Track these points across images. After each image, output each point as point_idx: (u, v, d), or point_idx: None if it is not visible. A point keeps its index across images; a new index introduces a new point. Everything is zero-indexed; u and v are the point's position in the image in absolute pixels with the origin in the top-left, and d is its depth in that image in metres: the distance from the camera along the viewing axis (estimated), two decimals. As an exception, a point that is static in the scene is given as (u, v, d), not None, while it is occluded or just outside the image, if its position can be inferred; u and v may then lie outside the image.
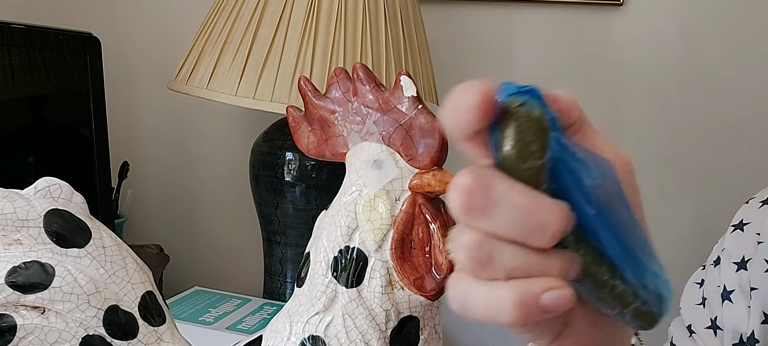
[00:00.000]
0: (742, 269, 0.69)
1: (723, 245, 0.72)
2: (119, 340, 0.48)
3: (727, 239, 0.71)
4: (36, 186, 0.48)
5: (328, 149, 0.54)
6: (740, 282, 0.68)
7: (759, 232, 0.69)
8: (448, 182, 0.49)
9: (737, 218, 0.72)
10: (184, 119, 1.35)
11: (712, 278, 0.72)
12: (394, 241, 0.49)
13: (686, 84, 1.13)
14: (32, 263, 0.46)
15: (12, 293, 0.45)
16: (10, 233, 0.46)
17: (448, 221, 0.51)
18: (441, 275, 0.49)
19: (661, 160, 1.15)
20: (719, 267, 0.71)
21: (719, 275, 0.71)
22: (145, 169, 1.35)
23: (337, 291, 0.49)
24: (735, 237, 0.71)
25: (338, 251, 0.50)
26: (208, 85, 0.92)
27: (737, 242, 0.70)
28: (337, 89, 0.52)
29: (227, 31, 0.93)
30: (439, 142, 0.49)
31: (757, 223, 0.69)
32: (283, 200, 1.03)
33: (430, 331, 0.52)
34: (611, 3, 1.13)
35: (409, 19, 0.98)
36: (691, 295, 0.75)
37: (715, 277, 0.71)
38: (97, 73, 1.00)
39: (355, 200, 0.50)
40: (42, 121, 0.98)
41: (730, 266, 0.70)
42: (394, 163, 0.50)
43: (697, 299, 0.74)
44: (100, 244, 0.48)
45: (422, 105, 0.49)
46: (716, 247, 0.74)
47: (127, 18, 1.35)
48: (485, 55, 1.20)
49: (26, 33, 0.91)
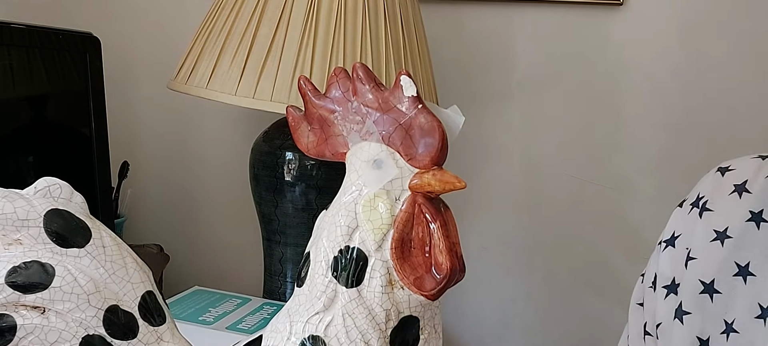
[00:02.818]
0: (671, 294, 0.62)
1: (657, 264, 0.65)
2: (119, 340, 0.48)
3: (660, 259, 0.65)
4: (36, 186, 0.48)
5: (328, 149, 0.54)
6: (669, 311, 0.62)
7: (689, 246, 0.63)
8: (448, 181, 0.49)
9: (669, 230, 0.66)
10: (184, 119, 1.35)
11: (649, 305, 0.66)
12: (394, 241, 0.49)
13: (686, 84, 1.13)
14: (32, 263, 0.46)
15: (12, 293, 0.45)
16: (10, 233, 0.46)
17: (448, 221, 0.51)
18: (441, 274, 0.49)
19: (661, 160, 1.15)
20: (654, 293, 0.65)
21: (655, 303, 0.64)
22: (145, 169, 1.35)
23: (337, 291, 0.49)
24: (668, 255, 0.64)
25: (338, 251, 0.50)
26: (208, 85, 0.92)
27: (670, 261, 0.64)
28: (336, 89, 0.52)
29: (227, 31, 0.93)
30: (439, 142, 0.49)
31: (687, 234, 0.63)
32: (283, 199, 1.03)
33: (430, 331, 0.52)
34: (611, 3, 1.13)
35: (409, 19, 0.98)
36: (634, 316, 0.69)
37: (651, 303, 0.65)
38: (97, 73, 1.00)
39: (355, 200, 0.50)
40: (42, 121, 0.98)
41: (661, 292, 0.63)
42: (394, 162, 0.50)
43: (639, 321, 0.68)
44: (100, 244, 0.48)
45: (422, 105, 0.49)
46: (651, 263, 0.67)
47: (127, 18, 1.35)
48: (485, 55, 1.20)
49: (26, 33, 0.91)
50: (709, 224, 0.62)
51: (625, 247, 1.18)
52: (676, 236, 0.65)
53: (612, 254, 1.19)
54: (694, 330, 0.60)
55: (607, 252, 1.19)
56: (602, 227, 1.19)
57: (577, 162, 1.19)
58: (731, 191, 0.62)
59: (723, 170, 0.65)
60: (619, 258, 1.19)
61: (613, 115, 1.16)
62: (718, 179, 0.65)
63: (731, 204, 0.61)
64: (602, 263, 1.20)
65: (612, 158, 1.17)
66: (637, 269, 1.19)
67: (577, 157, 1.19)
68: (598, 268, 1.20)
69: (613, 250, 1.19)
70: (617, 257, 1.19)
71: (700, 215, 0.63)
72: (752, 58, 1.10)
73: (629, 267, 1.18)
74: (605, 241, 1.19)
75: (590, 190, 1.19)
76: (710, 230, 0.61)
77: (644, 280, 0.68)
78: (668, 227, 0.66)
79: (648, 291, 0.66)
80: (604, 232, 1.19)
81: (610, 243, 1.19)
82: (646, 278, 0.67)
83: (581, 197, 1.19)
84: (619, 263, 1.19)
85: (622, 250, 1.18)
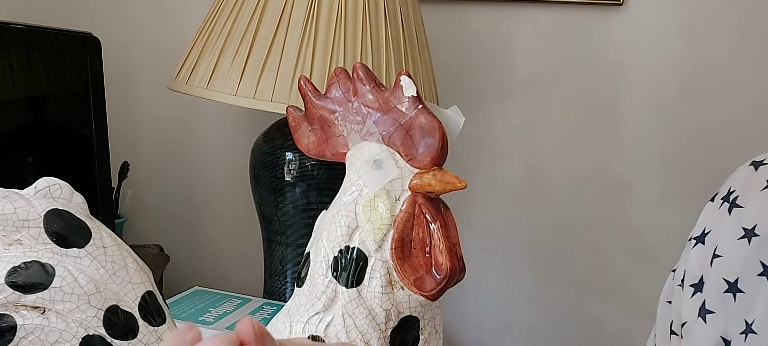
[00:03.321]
0: (697, 293, 0.61)
1: (686, 261, 0.63)
2: (119, 340, 0.48)
3: (690, 256, 0.63)
4: (36, 186, 0.48)
5: (328, 149, 0.54)
6: (693, 310, 0.61)
7: (716, 243, 0.60)
8: (448, 182, 0.49)
9: (699, 226, 0.63)
10: (184, 119, 1.35)
11: (676, 303, 0.64)
12: (394, 241, 0.49)
13: (686, 84, 1.13)
14: (32, 263, 0.46)
15: (12, 293, 0.45)
16: (10, 233, 0.46)
17: (449, 221, 0.51)
18: (441, 275, 0.49)
19: (661, 160, 1.15)
20: (682, 292, 0.63)
21: (681, 301, 0.63)
22: (145, 170, 1.35)
23: (337, 291, 0.49)
24: (697, 253, 0.62)
25: (338, 251, 0.50)
26: (208, 85, 0.92)
27: (699, 258, 0.61)
28: (337, 89, 0.52)
29: (227, 31, 0.93)
30: (439, 142, 0.49)
31: (715, 230, 0.61)
32: (283, 200, 1.03)
33: (430, 331, 0.52)
34: (611, 3, 1.13)
35: (409, 19, 0.98)
36: (663, 315, 0.68)
37: (678, 301, 0.64)
38: (97, 73, 1.00)
39: (355, 200, 0.50)
40: (42, 121, 0.98)
41: (688, 291, 0.62)
42: (394, 163, 0.50)
43: (666, 319, 0.67)
44: (100, 244, 0.48)
45: (422, 105, 0.49)
46: (682, 260, 0.65)
47: (127, 18, 1.35)
48: (485, 55, 1.20)
49: (26, 33, 0.91)
50: (737, 221, 0.59)
51: (626, 247, 1.18)
52: (706, 232, 0.62)
53: (612, 253, 1.19)
54: (717, 330, 0.58)
55: (608, 252, 1.19)
56: (602, 227, 1.19)
57: (578, 162, 1.19)
58: (764, 187, 0.59)
59: (756, 164, 0.62)
60: (620, 258, 1.19)
61: (613, 115, 1.16)
62: (751, 173, 0.62)
63: (762, 200, 0.58)
64: (603, 263, 1.20)
65: (612, 158, 1.17)
66: (638, 269, 1.19)
67: (577, 157, 1.19)
68: (598, 268, 1.20)
69: (614, 250, 1.19)
70: (618, 257, 1.19)
71: (729, 210, 0.61)
72: (752, 58, 1.10)
73: (630, 267, 1.19)
74: (605, 241, 1.19)
75: (590, 190, 1.19)
76: (738, 227, 0.59)
77: (674, 277, 0.66)
78: (699, 223, 0.64)
79: (677, 289, 0.64)
80: (605, 232, 1.19)
81: (610, 243, 1.19)
82: (677, 276, 0.65)
83: (581, 197, 1.19)
84: (620, 263, 1.19)
85: (623, 250, 1.18)
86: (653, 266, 1.17)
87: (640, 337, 1.19)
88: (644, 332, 1.18)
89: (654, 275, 1.18)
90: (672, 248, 1.16)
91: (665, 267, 1.16)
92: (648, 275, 1.17)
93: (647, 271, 1.17)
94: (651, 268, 1.17)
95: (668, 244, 1.16)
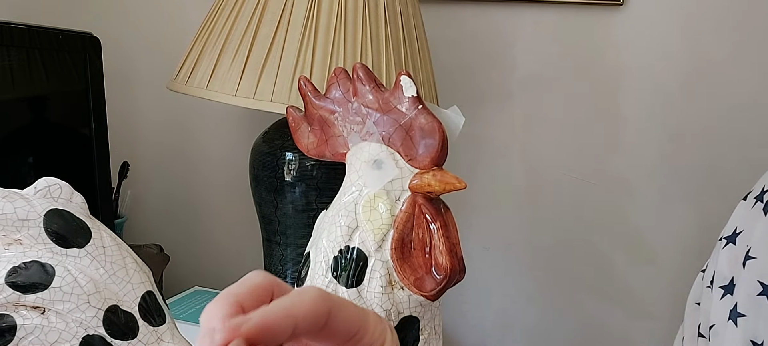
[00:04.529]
0: (727, 295, 0.58)
1: (716, 262, 0.61)
2: (119, 340, 0.48)
3: (719, 257, 0.60)
4: (36, 186, 0.48)
5: (328, 149, 0.54)
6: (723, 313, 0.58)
7: (749, 243, 0.57)
8: (448, 182, 0.49)
9: (731, 226, 0.61)
10: (184, 119, 1.35)
11: (705, 305, 0.62)
12: (394, 241, 0.49)
13: (686, 84, 1.13)
14: (32, 263, 0.46)
15: (12, 293, 0.45)
16: (10, 233, 0.46)
17: (449, 222, 0.51)
18: (441, 275, 0.49)
19: (661, 160, 1.15)
20: (711, 294, 0.61)
21: (710, 303, 0.60)
22: (145, 169, 1.35)
23: (337, 291, 0.49)
24: (727, 253, 0.59)
25: (338, 251, 0.50)
26: (208, 86, 0.92)
27: (729, 259, 0.59)
28: (337, 89, 0.52)
29: (227, 32, 0.93)
30: (439, 143, 0.49)
31: (748, 230, 0.58)
32: (283, 200, 1.03)
33: (430, 331, 0.52)
34: (611, 3, 1.13)
35: (409, 19, 0.98)
36: (691, 317, 0.65)
37: (707, 303, 0.61)
38: (97, 73, 1.00)
39: (355, 200, 0.50)
40: (42, 121, 0.98)
41: (717, 293, 0.59)
42: (394, 163, 0.50)
43: (695, 321, 0.64)
44: (100, 244, 0.48)
45: (422, 105, 0.49)
46: (711, 260, 0.63)
47: (127, 18, 1.35)
48: (485, 55, 1.20)
49: (26, 33, 0.90)
50: None
51: (626, 247, 1.18)
52: (738, 232, 0.59)
53: (612, 254, 1.19)
54: (747, 334, 0.56)
55: (608, 252, 1.19)
56: (603, 227, 1.19)
57: (578, 162, 1.19)
58: None
59: None
60: (620, 258, 1.19)
61: (613, 115, 1.16)
62: None
63: None
64: (603, 263, 1.20)
65: (612, 158, 1.17)
66: (638, 269, 1.19)
67: (577, 158, 1.19)
68: (598, 268, 1.20)
69: (614, 250, 1.19)
70: (618, 257, 1.19)
71: (764, 211, 0.58)
72: (752, 58, 1.10)
73: (630, 267, 1.19)
74: (606, 241, 1.19)
75: (590, 190, 1.19)
76: None
77: (703, 278, 0.63)
78: (730, 222, 0.61)
79: (706, 291, 0.62)
80: (605, 232, 1.19)
81: (610, 243, 1.19)
82: (706, 277, 0.63)
83: (581, 197, 1.19)
84: (620, 263, 1.19)
85: (623, 250, 1.18)
86: (653, 266, 1.17)
87: (639, 337, 1.20)
88: (644, 332, 1.19)
89: (654, 276, 1.18)
90: (672, 248, 1.16)
91: (665, 267, 1.16)
92: (648, 275, 1.17)
93: (647, 271, 1.17)
94: (651, 268, 1.17)
95: (668, 244, 1.16)
